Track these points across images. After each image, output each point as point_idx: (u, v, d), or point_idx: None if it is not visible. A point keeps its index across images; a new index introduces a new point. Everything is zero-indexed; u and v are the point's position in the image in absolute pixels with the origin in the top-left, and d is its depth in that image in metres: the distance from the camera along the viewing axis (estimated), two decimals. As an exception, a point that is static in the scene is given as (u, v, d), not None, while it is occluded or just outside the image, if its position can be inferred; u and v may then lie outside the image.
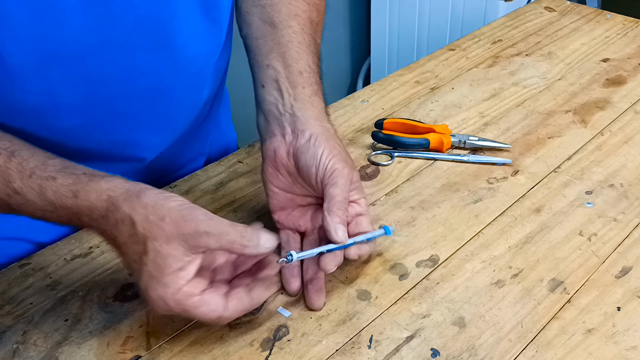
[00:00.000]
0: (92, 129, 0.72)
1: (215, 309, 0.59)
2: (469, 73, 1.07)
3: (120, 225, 0.58)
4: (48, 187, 0.58)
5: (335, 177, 0.66)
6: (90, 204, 0.58)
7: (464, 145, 0.90)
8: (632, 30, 1.19)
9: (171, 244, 0.57)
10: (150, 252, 0.57)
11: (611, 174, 0.85)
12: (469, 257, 0.73)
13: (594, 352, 0.63)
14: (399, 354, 0.63)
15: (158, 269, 0.57)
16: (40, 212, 0.59)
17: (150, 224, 0.57)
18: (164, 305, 0.58)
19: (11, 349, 0.64)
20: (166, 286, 0.57)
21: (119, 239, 0.58)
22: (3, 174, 0.59)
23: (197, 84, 0.77)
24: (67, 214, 0.59)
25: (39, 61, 0.63)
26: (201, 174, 0.87)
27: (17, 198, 0.59)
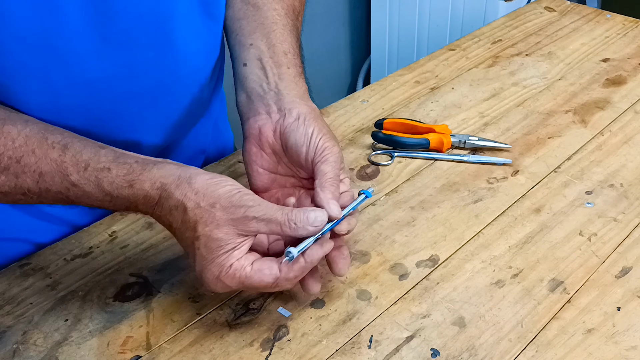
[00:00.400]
0: (94, 130, 0.72)
1: (269, 272, 0.59)
2: (469, 73, 1.07)
3: (174, 211, 0.59)
4: (104, 178, 0.60)
5: (327, 154, 0.66)
6: (145, 193, 0.60)
7: (464, 145, 0.90)
8: (632, 30, 1.19)
9: (222, 228, 0.58)
10: (201, 237, 0.59)
11: (611, 174, 0.85)
12: (469, 257, 0.73)
13: (594, 352, 0.63)
14: (399, 354, 0.63)
15: (210, 252, 0.59)
16: (98, 202, 0.61)
17: (202, 210, 0.59)
18: (220, 283, 0.60)
19: (11, 349, 0.64)
20: (219, 265, 0.59)
21: (173, 225, 0.60)
22: (60, 167, 0.60)
23: (197, 82, 0.77)
24: (124, 203, 0.61)
25: (40, 60, 0.63)
26: (201, 174, 0.87)
27: (75, 190, 0.60)
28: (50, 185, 0.60)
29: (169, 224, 0.61)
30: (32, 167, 0.59)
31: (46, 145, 0.60)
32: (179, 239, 0.62)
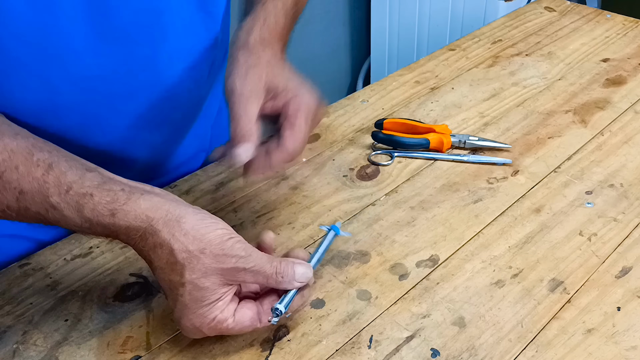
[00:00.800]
0: (92, 128, 0.72)
1: (250, 324, 0.60)
2: (469, 73, 1.07)
3: (158, 249, 0.57)
4: (85, 204, 0.57)
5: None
6: (128, 224, 0.57)
7: (464, 145, 0.90)
8: (632, 30, 1.19)
9: (209, 277, 0.57)
10: (187, 285, 0.57)
11: (611, 174, 0.85)
12: (469, 257, 0.73)
13: (594, 352, 0.63)
14: (399, 354, 0.63)
15: (194, 301, 0.57)
16: (76, 227, 0.58)
17: (190, 254, 0.56)
18: (198, 332, 0.59)
19: (11, 349, 0.64)
20: (202, 317, 0.58)
21: (155, 262, 0.58)
22: (41, 187, 0.57)
23: (194, 78, 0.77)
24: (104, 232, 0.58)
25: (38, 56, 0.63)
26: (201, 174, 0.87)
27: (54, 213, 0.57)
28: (30, 205, 0.57)
29: (150, 261, 0.59)
30: (14, 184, 0.57)
31: (30, 163, 0.57)
32: (160, 279, 0.59)
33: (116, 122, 0.73)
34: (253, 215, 0.80)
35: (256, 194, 0.83)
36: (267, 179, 0.83)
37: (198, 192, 0.84)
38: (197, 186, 0.85)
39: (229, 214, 0.80)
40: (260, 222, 0.79)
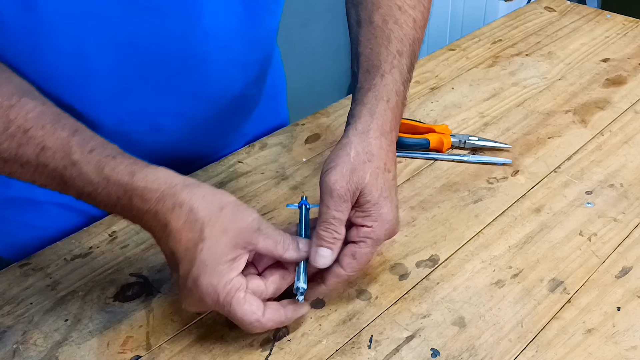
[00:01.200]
0: (123, 98, 0.72)
1: (256, 311, 0.60)
2: (469, 73, 1.07)
3: (177, 209, 0.58)
4: (106, 163, 0.59)
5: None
6: (146, 184, 0.58)
7: (464, 145, 0.90)
8: (632, 30, 1.19)
9: (227, 234, 0.58)
10: (207, 240, 0.57)
11: (611, 174, 0.85)
12: (469, 257, 0.73)
13: (594, 352, 0.63)
14: (399, 354, 0.63)
15: (213, 257, 0.58)
16: (91, 187, 0.59)
17: (210, 212, 0.58)
18: (213, 294, 0.58)
19: (11, 349, 0.64)
20: (220, 274, 0.58)
21: (172, 224, 0.58)
22: (64, 146, 0.59)
23: (228, 58, 0.76)
24: (118, 192, 0.59)
25: (70, 19, 0.64)
26: (201, 173, 0.87)
27: (72, 170, 0.59)
28: (50, 161, 0.59)
29: (165, 224, 0.58)
30: (38, 140, 0.59)
31: (57, 124, 0.60)
32: (174, 242, 0.59)
33: (146, 93, 0.73)
34: (253, 215, 0.80)
35: (256, 194, 0.83)
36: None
37: (198, 192, 0.84)
38: (197, 186, 0.85)
39: (229, 214, 0.80)
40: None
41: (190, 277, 0.58)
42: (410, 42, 0.72)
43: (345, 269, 0.63)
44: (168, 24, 0.69)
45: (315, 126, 0.95)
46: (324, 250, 0.62)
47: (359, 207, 0.64)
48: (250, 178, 0.86)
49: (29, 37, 0.64)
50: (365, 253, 0.63)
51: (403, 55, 0.71)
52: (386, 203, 0.64)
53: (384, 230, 0.64)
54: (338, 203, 0.63)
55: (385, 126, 0.67)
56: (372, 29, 0.73)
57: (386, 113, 0.67)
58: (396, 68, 0.70)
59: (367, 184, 0.63)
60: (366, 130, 0.66)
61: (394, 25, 0.72)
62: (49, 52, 0.65)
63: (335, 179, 0.63)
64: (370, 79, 0.70)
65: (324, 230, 0.63)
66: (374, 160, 0.64)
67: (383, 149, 0.66)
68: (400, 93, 0.70)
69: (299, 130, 0.94)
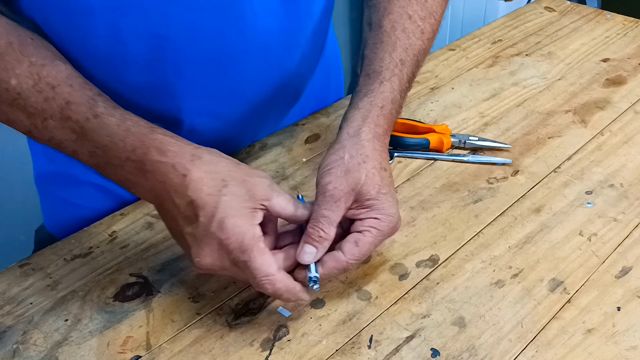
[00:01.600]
0: (160, 88, 0.73)
1: (270, 264, 0.60)
2: (469, 73, 1.07)
3: (197, 161, 0.60)
4: (129, 117, 0.62)
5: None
6: (165, 138, 0.61)
7: (464, 145, 0.90)
8: (632, 30, 1.19)
9: (246, 184, 0.60)
10: (230, 185, 0.59)
11: (611, 174, 0.85)
12: (469, 257, 0.73)
13: (594, 352, 0.63)
14: (399, 354, 0.63)
15: (238, 201, 0.59)
16: (108, 138, 0.61)
17: (228, 165, 0.61)
18: (240, 235, 0.59)
19: (11, 349, 0.64)
20: (246, 217, 0.59)
21: (193, 173, 0.59)
22: (90, 100, 0.62)
23: (266, 59, 0.77)
24: (136, 143, 0.60)
25: (106, 5, 0.65)
26: (201, 174, 0.87)
27: (94, 122, 0.61)
28: (72, 114, 0.62)
29: (184, 173, 0.59)
30: (64, 95, 0.62)
31: (84, 87, 0.63)
32: (193, 190, 0.59)
33: (183, 87, 0.74)
34: (253, 215, 0.80)
35: (256, 194, 0.83)
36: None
37: (198, 192, 0.84)
38: (197, 186, 0.85)
39: (229, 214, 0.80)
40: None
41: (216, 220, 0.59)
42: (414, 53, 0.73)
43: (345, 255, 0.64)
44: (204, 20, 0.69)
45: (315, 126, 0.95)
46: (309, 247, 0.63)
47: (359, 204, 0.65)
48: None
49: (68, 19, 0.66)
50: (367, 242, 0.64)
51: (405, 64, 0.72)
52: (387, 198, 0.65)
53: (387, 223, 0.65)
54: (329, 203, 0.64)
55: (378, 130, 0.68)
56: (379, 34, 0.73)
57: (379, 119, 0.68)
58: (396, 76, 0.71)
59: (364, 183, 0.64)
60: (358, 133, 0.67)
61: (402, 33, 0.73)
62: (87, 35, 0.67)
63: (329, 180, 0.64)
64: (369, 84, 0.70)
65: (311, 228, 0.64)
66: (368, 162, 0.65)
67: (377, 151, 0.66)
68: (396, 102, 0.70)
69: (299, 130, 0.94)
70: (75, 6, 0.65)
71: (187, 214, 0.60)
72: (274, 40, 0.76)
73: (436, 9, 0.76)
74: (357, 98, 0.70)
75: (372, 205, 0.64)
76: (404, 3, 0.74)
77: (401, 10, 0.74)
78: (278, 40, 0.76)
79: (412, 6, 0.74)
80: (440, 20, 0.77)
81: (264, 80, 0.79)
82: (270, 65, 0.78)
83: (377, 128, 0.68)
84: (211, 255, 0.60)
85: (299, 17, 0.77)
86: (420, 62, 0.75)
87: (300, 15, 0.77)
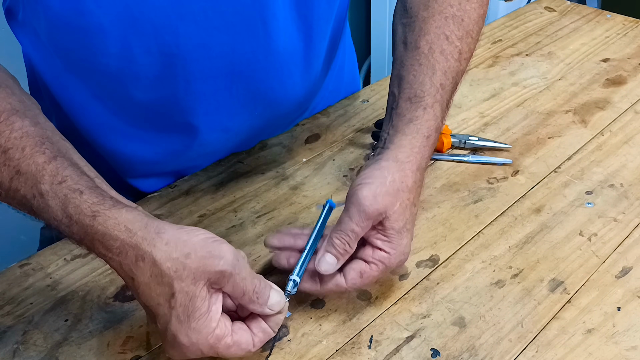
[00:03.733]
0: (171, 104, 0.73)
1: (246, 347, 0.57)
2: (469, 73, 1.07)
3: (141, 262, 0.54)
4: (72, 200, 0.56)
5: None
6: (106, 230, 0.55)
7: (464, 146, 0.90)
8: (632, 30, 1.19)
9: (198, 284, 0.54)
10: (177, 295, 0.54)
11: (611, 174, 0.85)
12: (469, 257, 0.73)
13: (594, 352, 0.63)
14: (399, 354, 0.63)
15: (187, 313, 0.54)
16: (55, 222, 0.57)
17: (175, 262, 0.54)
18: (197, 350, 0.55)
19: (11, 349, 0.64)
20: (198, 332, 0.55)
21: (139, 278, 0.55)
22: (37, 173, 0.56)
23: (279, 77, 0.77)
24: (81, 233, 0.56)
25: (117, 24, 0.65)
26: (201, 174, 0.87)
27: (40, 201, 0.56)
28: (20, 187, 0.57)
29: (132, 277, 0.55)
30: (14, 163, 0.57)
31: (38, 149, 0.57)
32: (145, 296, 0.55)
33: (193, 104, 0.74)
34: (253, 215, 0.80)
35: (256, 194, 0.83)
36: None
37: (198, 192, 0.84)
38: (197, 186, 0.85)
39: (229, 214, 0.80)
40: (260, 222, 0.79)
41: (169, 334, 0.55)
42: (453, 76, 0.72)
43: (347, 283, 0.63)
44: (215, 38, 0.69)
45: (315, 126, 0.95)
46: (331, 257, 0.62)
47: (382, 231, 0.63)
48: (250, 178, 0.86)
49: (78, 38, 0.66)
50: (372, 275, 0.63)
51: (445, 89, 0.70)
52: (407, 235, 0.64)
53: (397, 261, 0.64)
54: (361, 219, 0.62)
55: (422, 162, 0.67)
56: (417, 55, 0.71)
57: (424, 149, 0.67)
58: (438, 103, 0.69)
59: (395, 211, 0.63)
60: (406, 161, 0.65)
61: (440, 55, 0.71)
62: (98, 53, 0.67)
63: (367, 195, 0.62)
64: (412, 110, 0.69)
65: (338, 239, 0.62)
66: (406, 192, 0.64)
67: (416, 184, 0.66)
68: (439, 129, 0.69)
69: (299, 130, 0.94)
70: (86, 25, 0.65)
71: (148, 313, 0.58)
72: (287, 60, 0.76)
73: (473, 27, 0.74)
74: (401, 123, 0.68)
75: (392, 239, 0.63)
76: (440, 23, 0.72)
77: (438, 30, 0.72)
78: (291, 60, 0.77)
79: (448, 26, 0.72)
80: (477, 38, 0.76)
81: (276, 96, 0.79)
82: (282, 84, 0.78)
83: (422, 161, 0.67)
84: (180, 355, 0.57)
85: (313, 37, 0.77)
86: (458, 84, 0.73)
87: (314, 35, 0.77)
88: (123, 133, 0.79)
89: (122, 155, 0.81)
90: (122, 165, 0.82)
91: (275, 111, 0.82)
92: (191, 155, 0.82)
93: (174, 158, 0.82)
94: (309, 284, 0.64)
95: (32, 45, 0.76)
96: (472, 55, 0.75)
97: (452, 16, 0.72)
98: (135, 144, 0.80)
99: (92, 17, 0.64)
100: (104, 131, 0.79)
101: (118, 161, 0.82)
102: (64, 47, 0.69)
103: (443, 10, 0.73)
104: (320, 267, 0.62)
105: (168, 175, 0.86)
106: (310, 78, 0.83)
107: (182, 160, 0.83)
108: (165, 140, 0.79)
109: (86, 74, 0.71)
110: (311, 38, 0.78)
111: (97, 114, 0.77)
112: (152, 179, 0.85)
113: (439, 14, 0.72)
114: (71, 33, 0.66)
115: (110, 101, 0.73)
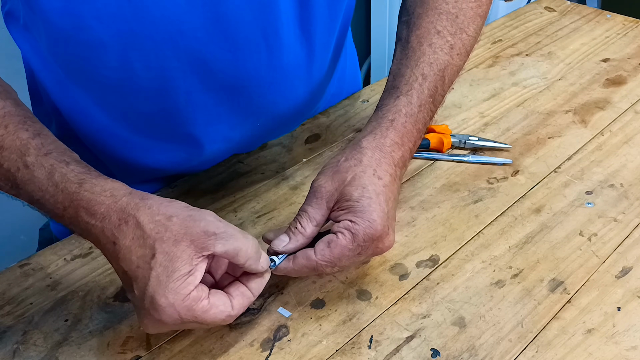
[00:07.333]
0: (172, 116, 0.73)
1: (224, 309, 0.57)
2: (469, 73, 1.07)
3: (124, 226, 0.56)
4: (58, 168, 0.57)
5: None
6: (92, 196, 0.56)
7: (464, 146, 0.90)
8: (632, 30, 1.19)
9: (179, 245, 0.55)
10: (158, 255, 0.55)
11: (611, 174, 0.85)
12: (469, 257, 0.73)
13: (594, 352, 0.63)
14: (399, 354, 0.63)
15: (166, 273, 0.55)
16: (40, 193, 0.58)
17: (157, 224, 0.55)
18: (173, 312, 0.55)
19: (11, 349, 0.64)
20: (176, 292, 0.55)
21: (121, 241, 0.56)
22: (22, 147, 0.58)
23: (281, 90, 0.77)
24: (66, 201, 0.57)
25: (117, 39, 0.65)
26: (201, 174, 0.87)
27: (24, 173, 0.58)
28: (4, 161, 0.58)
29: (114, 240, 0.56)
30: None
31: (21, 126, 0.59)
32: (125, 261, 0.56)
33: (193, 117, 0.74)
34: (253, 215, 0.80)
35: (256, 194, 0.83)
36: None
37: (198, 192, 0.84)
38: (197, 186, 0.85)
39: (229, 214, 0.80)
40: (260, 222, 0.79)
41: (147, 297, 0.55)
42: (440, 67, 0.71)
43: (316, 254, 0.62)
44: (213, 54, 0.69)
45: (315, 126, 0.95)
46: (284, 235, 0.64)
47: (339, 206, 0.64)
48: (250, 178, 0.86)
49: (79, 51, 0.66)
50: (339, 244, 0.62)
51: (427, 79, 0.70)
52: (370, 203, 0.63)
53: (364, 228, 0.62)
54: (312, 199, 0.64)
55: (384, 140, 0.67)
56: (406, 50, 0.73)
57: (387, 131, 0.67)
58: (414, 90, 0.69)
59: (348, 184, 0.63)
60: (359, 141, 0.67)
61: (428, 48, 0.72)
62: (98, 66, 0.68)
63: (318, 178, 0.65)
64: (385, 99, 0.70)
65: (293, 221, 0.65)
66: (360, 165, 0.64)
67: (374, 159, 0.65)
68: (412, 115, 0.69)
69: (299, 130, 0.94)
70: (86, 40, 0.65)
71: (124, 280, 0.58)
72: (290, 74, 0.76)
73: (468, 24, 0.74)
74: (373, 114, 0.70)
75: (351, 207, 0.63)
76: (433, 19, 0.73)
77: (429, 25, 0.73)
78: (294, 74, 0.77)
79: (441, 21, 0.73)
80: (475, 36, 0.76)
81: (278, 108, 0.80)
82: (285, 97, 0.79)
83: (382, 139, 0.67)
84: (155, 325, 0.58)
85: (316, 50, 0.77)
86: (448, 78, 0.73)
87: (316, 48, 0.77)
88: (125, 140, 0.78)
89: (123, 162, 0.81)
90: (123, 171, 0.82)
91: (277, 120, 0.82)
92: (193, 163, 0.82)
93: (175, 165, 0.82)
94: (284, 263, 0.64)
95: (32, 51, 0.76)
96: (468, 52, 0.75)
97: (446, 12, 0.73)
98: (137, 152, 0.80)
99: (92, 32, 0.64)
100: (105, 138, 0.79)
101: (118, 167, 0.82)
102: (64, 58, 0.69)
103: (437, 7, 0.74)
104: (273, 244, 0.64)
105: (168, 180, 0.86)
106: (313, 88, 0.83)
107: (183, 167, 0.83)
108: (167, 149, 0.79)
109: (87, 83, 0.71)
110: (314, 51, 0.77)
111: (98, 121, 0.77)
112: (152, 184, 0.85)
113: (433, 10, 0.73)
114: (71, 47, 0.66)
115: (112, 109, 0.73)
